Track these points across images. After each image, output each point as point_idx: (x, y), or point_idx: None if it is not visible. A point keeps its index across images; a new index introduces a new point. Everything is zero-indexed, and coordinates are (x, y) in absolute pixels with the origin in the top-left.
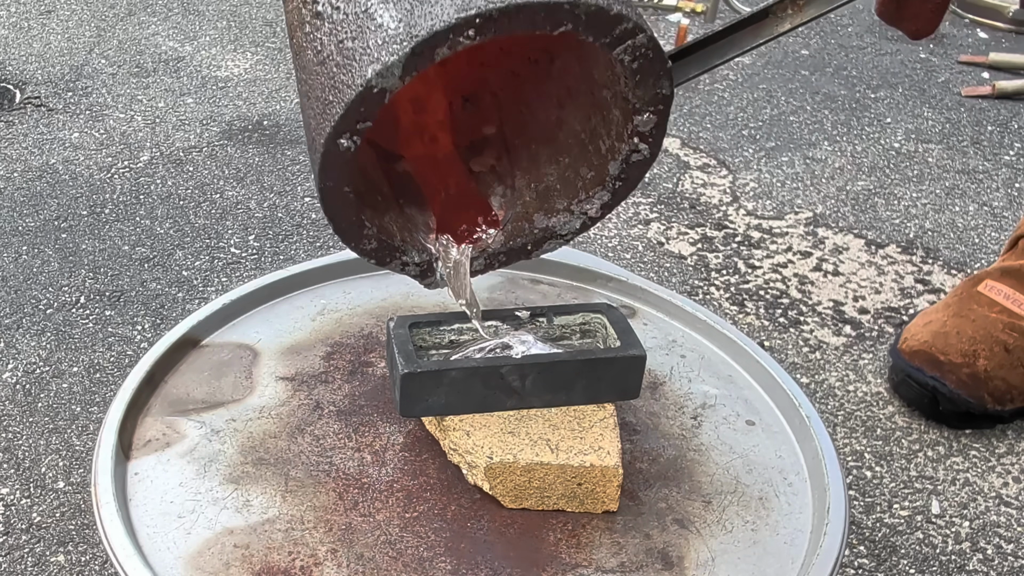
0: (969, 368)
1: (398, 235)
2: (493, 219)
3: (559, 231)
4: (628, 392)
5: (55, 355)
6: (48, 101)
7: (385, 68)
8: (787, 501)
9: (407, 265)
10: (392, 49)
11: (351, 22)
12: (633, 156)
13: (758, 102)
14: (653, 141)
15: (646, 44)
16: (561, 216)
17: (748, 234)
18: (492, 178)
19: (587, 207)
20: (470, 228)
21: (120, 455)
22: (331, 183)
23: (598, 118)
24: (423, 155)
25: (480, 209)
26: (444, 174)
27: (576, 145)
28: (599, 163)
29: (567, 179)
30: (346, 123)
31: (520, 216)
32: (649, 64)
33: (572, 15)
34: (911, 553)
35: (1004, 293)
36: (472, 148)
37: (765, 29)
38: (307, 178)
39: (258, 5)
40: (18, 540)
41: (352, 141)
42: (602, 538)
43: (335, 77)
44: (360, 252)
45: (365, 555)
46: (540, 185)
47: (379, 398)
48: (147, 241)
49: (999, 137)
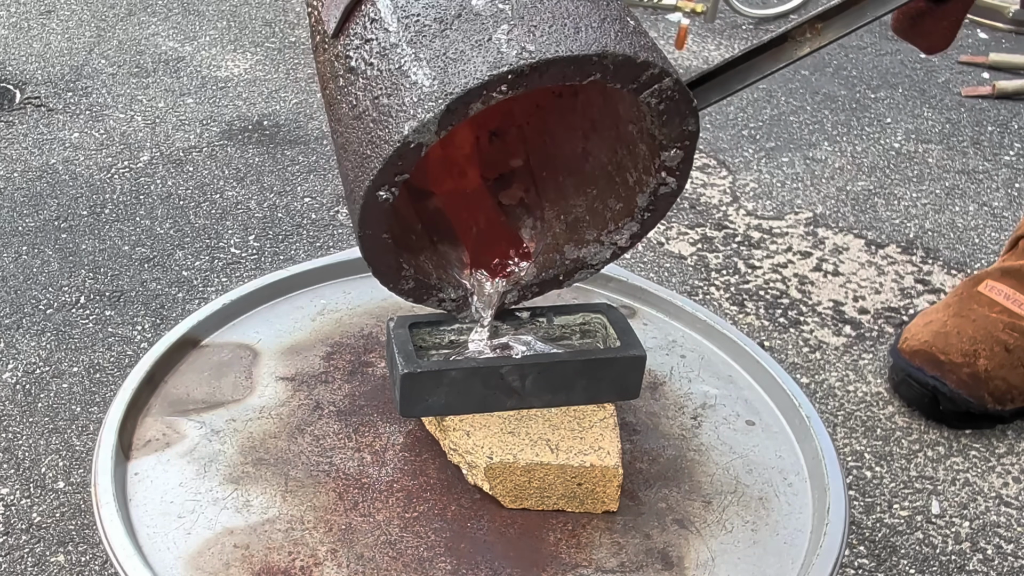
0: (970, 368)
1: (434, 273)
2: (524, 252)
3: (590, 261)
4: (628, 392)
5: (55, 355)
6: (48, 101)
7: (421, 125)
8: (787, 501)
9: (443, 301)
10: (428, 107)
11: (385, 78)
12: (661, 189)
13: (758, 102)
14: (680, 175)
15: (672, 87)
16: (592, 247)
17: (748, 234)
18: (521, 211)
19: (616, 238)
20: (502, 262)
21: (120, 455)
22: (370, 231)
23: (624, 151)
24: (453, 191)
25: (511, 242)
26: (474, 209)
27: (603, 177)
28: (627, 195)
29: (596, 210)
30: (384, 177)
31: (551, 248)
32: (675, 105)
33: (600, 66)
34: (911, 553)
35: (1004, 293)
36: (500, 181)
37: (784, 53)
38: (307, 178)
39: (258, 5)
40: (18, 540)
41: (390, 192)
42: (602, 538)
43: (372, 132)
44: (398, 293)
45: (365, 555)
46: (569, 217)
47: (379, 398)
48: (147, 241)
49: (999, 137)
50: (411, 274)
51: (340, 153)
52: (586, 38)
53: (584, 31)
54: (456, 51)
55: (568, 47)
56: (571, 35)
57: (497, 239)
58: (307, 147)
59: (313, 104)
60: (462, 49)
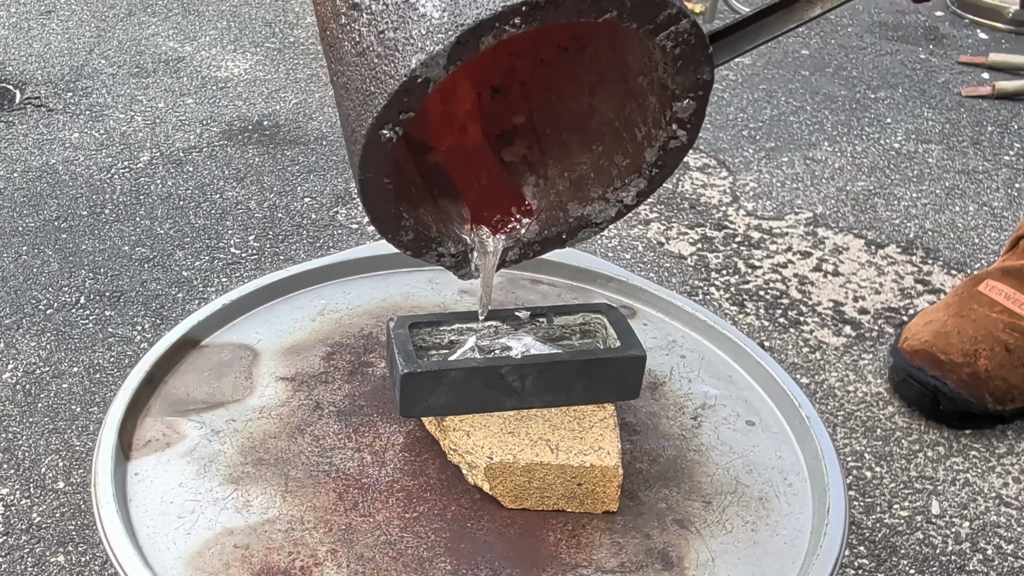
0: (970, 368)
1: (433, 227)
2: (527, 209)
3: (594, 219)
4: (628, 392)
5: (55, 355)
6: (48, 101)
7: (430, 57)
8: (787, 501)
9: (443, 256)
10: (437, 39)
11: (391, 12)
12: (671, 143)
13: (758, 102)
14: (692, 127)
15: (689, 30)
16: (596, 204)
17: (748, 234)
18: (524, 168)
19: (623, 195)
20: (504, 218)
21: (120, 455)
22: (371, 174)
23: (633, 105)
24: (454, 146)
25: (513, 199)
26: (475, 165)
27: (610, 133)
28: (634, 150)
29: (601, 167)
30: (389, 113)
31: (554, 205)
32: (691, 50)
33: (617, 2)
34: (911, 553)
35: (1005, 293)
36: (503, 138)
37: (795, 14)
38: (306, 178)
39: (258, 5)
40: (18, 540)
41: (394, 132)
42: (602, 538)
43: (376, 68)
44: (397, 244)
45: (365, 555)
46: (573, 174)
47: (379, 398)
48: (147, 241)
49: (999, 137)
50: (410, 224)
51: (341, 95)
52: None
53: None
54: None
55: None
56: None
57: (499, 196)
58: (307, 147)
59: (313, 104)
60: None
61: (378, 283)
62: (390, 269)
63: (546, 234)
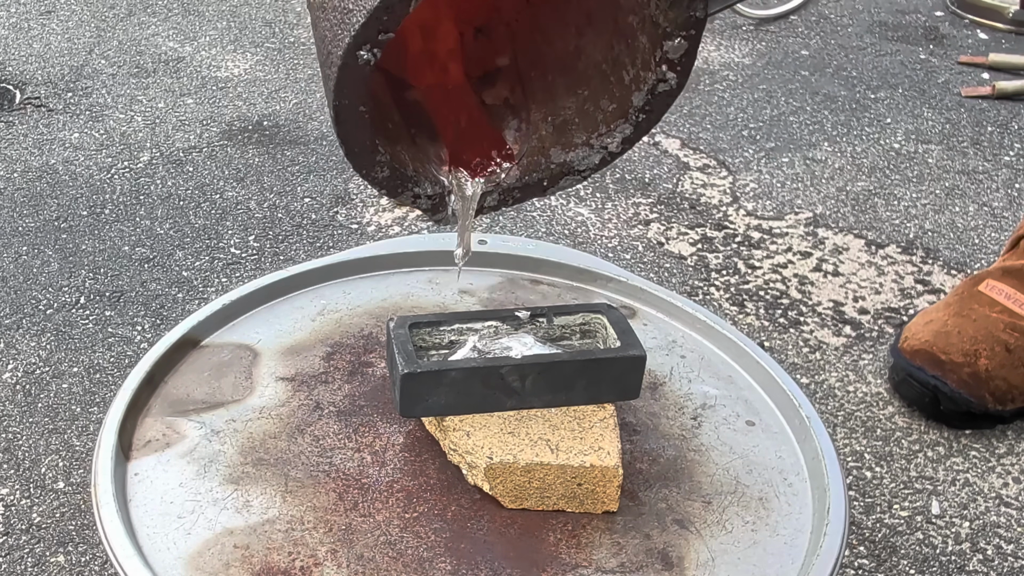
0: (970, 368)
1: (410, 165)
2: (507, 153)
3: (577, 166)
4: (628, 392)
5: (55, 356)
6: (48, 101)
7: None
8: (787, 501)
9: (419, 197)
10: None
11: None
12: (660, 86)
13: (758, 103)
14: (682, 70)
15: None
16: (580, 151)
17: (748, 234)
18: (506, 111)
19: (607, 141)
20: (484, 161)
21: (120, 455)
22: (347, 101)
23: (621, 46)
24: (434, 85)
25: (493, 142)
26: (456, 106)
27: (596, 76)
28: (621, 95)
29: (586, 112)
30: (367, 32)
31: (536, 150)
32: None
33: None
34: (911, 554)
35: (1005, 293)
36: (485, 80)
37: None
38: (306, 179)
39: (258, 6)
40: (18, 540)
41: (372, 54)
42: (602, 538)
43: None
44: (372, 181)
45: (365, 555)
46: (557, 118)
47: (379, 398)
48: (147, 241)
49: (999, 138)
50: (386, 160)
51: (317, 16)
52: None
53: None
54: None
55: None
56: None
57: (479, 138)
58: (307, 147)
59: (313, 104)
60: None
61: (378, 283)
62: (390, 269)
63: (527, 180)
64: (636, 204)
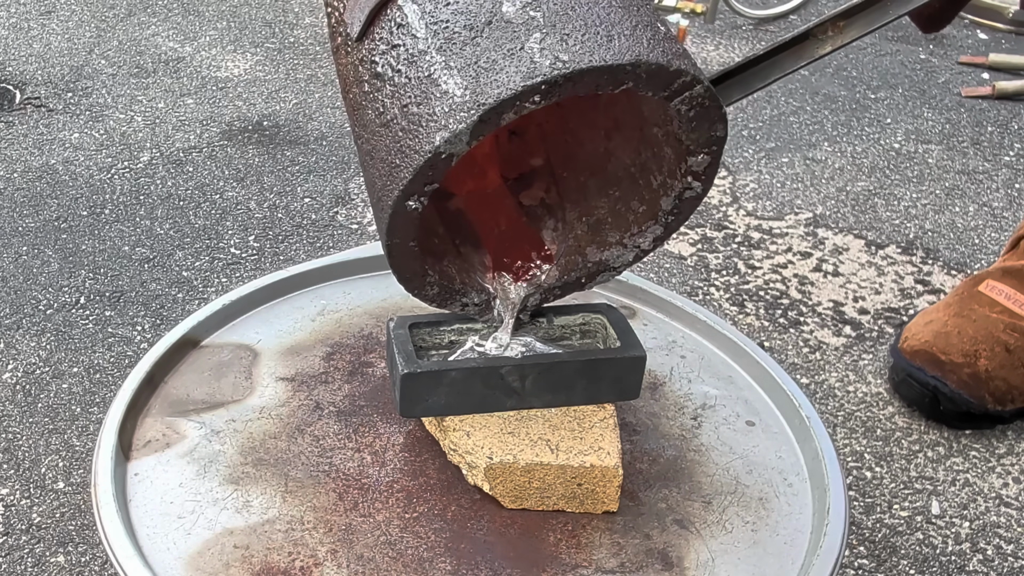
0: (970, 368)
1: (457, 278)
2: (546, 254)
3: (612, 264)
4: (628, 392)
5: (55, 356)
6: (48, 102)
7: (453, 135)
8: (787, 502)
9: (467, 306)
10: (460, 117)
11: (415, 86)
12: (686, 193)
13: (758, 103)
14: (706, 179)
15: (703, 94)
16: (614, 249)
17: (748, 235)
18: (543, 211)
19: (640, 240)
20: (524, 264)
21: (120, 456)
22: (398, 240)
23: (648, 153)
24: (473, 191)
25: (533, 244)
26: (495, 209)
27: (626, 178)
28: (651, 197)
29: (618, 212)
30: (414, 187)
31: (573, 250)
32: (705, 112)
33: (634, 75)
34: (911, 554)
35: (1005, 293)
36: (521, 181)
37: (806, 51)
38: (306, 179)
39: (258, 6)
40: (18, 541)
41: (419, 202)
42: (602, 538)
43: (401, 141)
44: (423, 299)
45: (365, 555)
46: (591, 218)
47: (379, 398)
48: (147, 242)
49: (999, 138)
50: (435, 280)
51: (366, 160)
52: (619, 46)
53: (617, 39)
54: (488, 60)
55: (602, 56)
56: (604, 43)
57: (519, 241)
58: (307, 148)
59: (312, 105)
60: (494, 58)
61: (378, 283)
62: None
63: (566, 279)
64: None
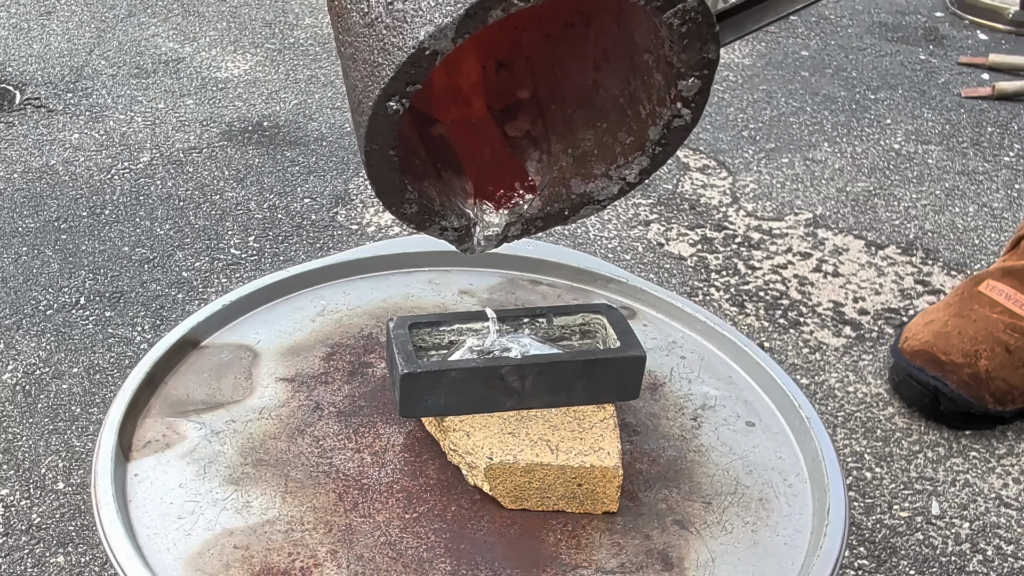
0: (971, 368)
1: (437, 199)
2: (530, 184)
3: (597, 196)
4: (628, 393)
5: (55, 356)
6: (48, 102)
7: (438, 30)
8: (787, 502)
9: (445, 230)
10: (446, 11)
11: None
12: (675, 121)
13: (758, 103)
14: (696, 106)
15: (696, 7)
16: (599, 181)
17: (748, 235)
18: (528, 143)
19: (626, 172)
20: (507, 193)
21: (120, 456)
22: (377, 146)
23: (638, 82)
24: (458, 120)
25: (516, 174)
26: (479, 139)
27: (614, 109)
28: (638, 128)
29: (605, 144)
30: (396, 85)
31: (557, 181)
32: (697, 28)
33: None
34: (911, 554)
35: (1005, 293)
36: (507, 112)
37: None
38: (306, 179)
39: (258, 6)
40: (18, 541)
41: (400, 104)
42: (602, 539)
43: (384, 39)
44: (401, 216)
45: (365, 556)
46: (577, 150)
47: (379, 399)
48: (147, 242)
49: (999, 138)
50: (414, 197)
51: (348, 65)
52: None
53: None
54: None
55: None
56: None
57: (502, 170)
58: (307, 148)
59: (313, 105)
60: None
61: (378, 283)
62: (390, 269)
63: (548, 210)
64: (636, 205)
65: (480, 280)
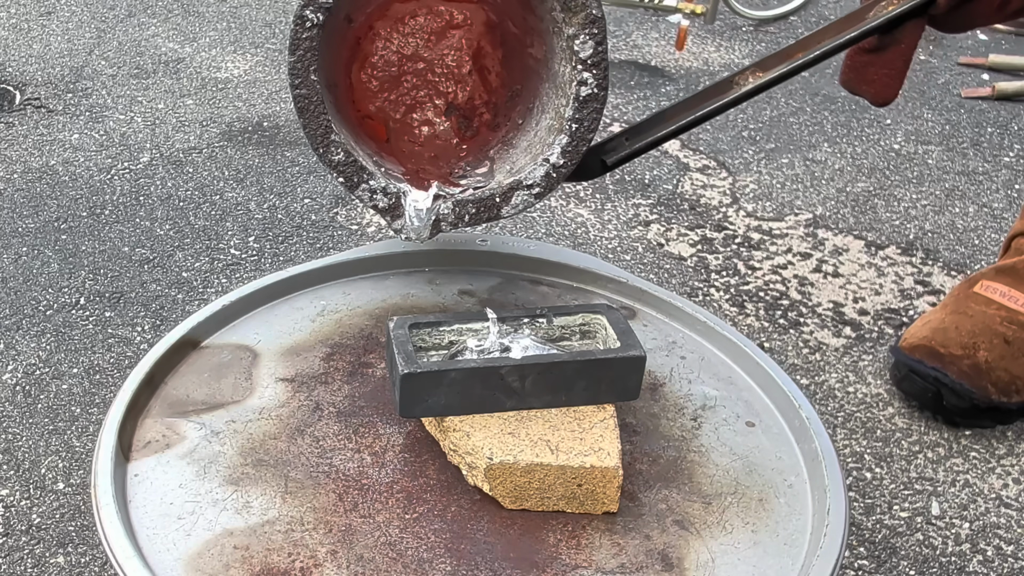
0: (970, 359)
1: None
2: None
3: (524, 181)
4: (628, 393)
5: (55, 356)
6: (48, 102)
7: None
8: (787, 502)
9: (375, 193)
10: None
11: None
12: (582, 91)
13: (758, 104)
14: (597, 72)
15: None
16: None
17: (748, 235)
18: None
19: (548, 153)
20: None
21: (120, 456)
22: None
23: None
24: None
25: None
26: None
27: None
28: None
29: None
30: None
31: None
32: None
33: None
34: (911, 554)
35: (1000, 291)
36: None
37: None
38: (306, 180)
39: (258, 7)
40: (18, 541)
41: (316, 15)
42: (602, 539)
43: None
44: (329, 164)
45: (365, 556)
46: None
47: (379, 399)
48: (147, 242)
49: (999, 139)
50: (342, 142)
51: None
52: None
53: None
54: None
55: None
56: None
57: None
58: (307, 148)
59: None
60: None
61: (378, 284)
62: (390, 270)
63: (480, 194)
64: (636, 205)
65: (480, 280)
